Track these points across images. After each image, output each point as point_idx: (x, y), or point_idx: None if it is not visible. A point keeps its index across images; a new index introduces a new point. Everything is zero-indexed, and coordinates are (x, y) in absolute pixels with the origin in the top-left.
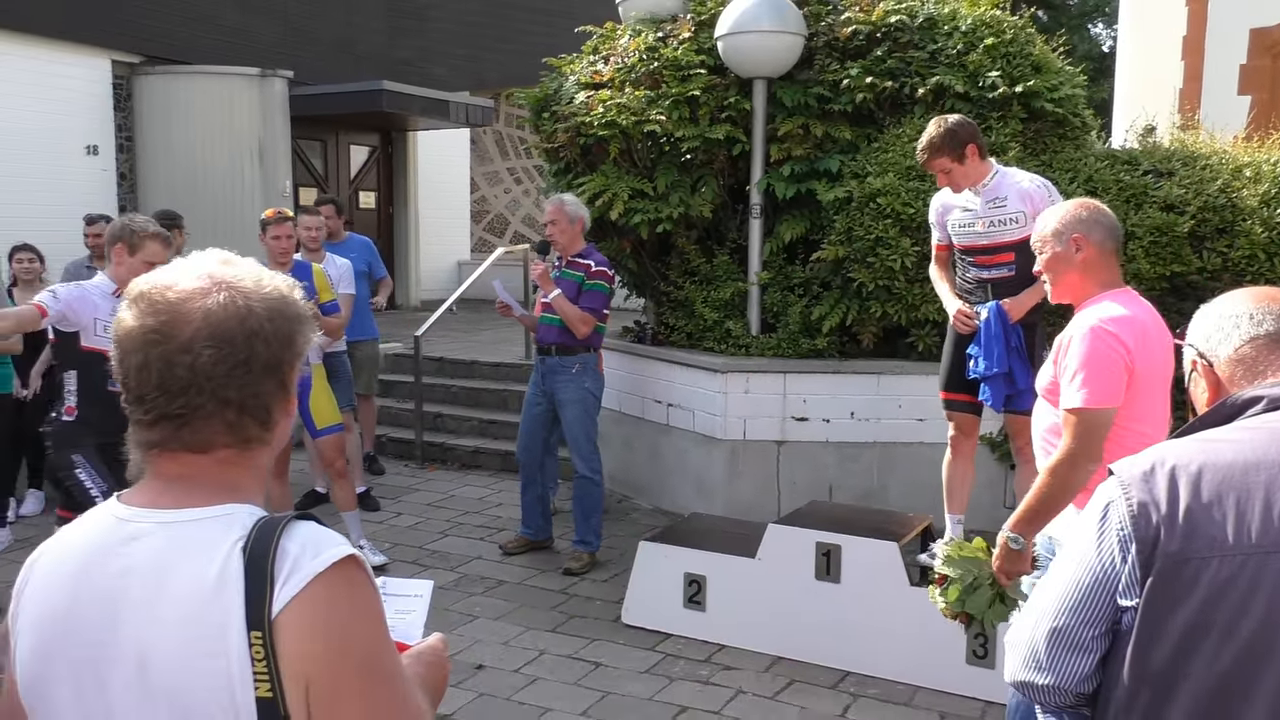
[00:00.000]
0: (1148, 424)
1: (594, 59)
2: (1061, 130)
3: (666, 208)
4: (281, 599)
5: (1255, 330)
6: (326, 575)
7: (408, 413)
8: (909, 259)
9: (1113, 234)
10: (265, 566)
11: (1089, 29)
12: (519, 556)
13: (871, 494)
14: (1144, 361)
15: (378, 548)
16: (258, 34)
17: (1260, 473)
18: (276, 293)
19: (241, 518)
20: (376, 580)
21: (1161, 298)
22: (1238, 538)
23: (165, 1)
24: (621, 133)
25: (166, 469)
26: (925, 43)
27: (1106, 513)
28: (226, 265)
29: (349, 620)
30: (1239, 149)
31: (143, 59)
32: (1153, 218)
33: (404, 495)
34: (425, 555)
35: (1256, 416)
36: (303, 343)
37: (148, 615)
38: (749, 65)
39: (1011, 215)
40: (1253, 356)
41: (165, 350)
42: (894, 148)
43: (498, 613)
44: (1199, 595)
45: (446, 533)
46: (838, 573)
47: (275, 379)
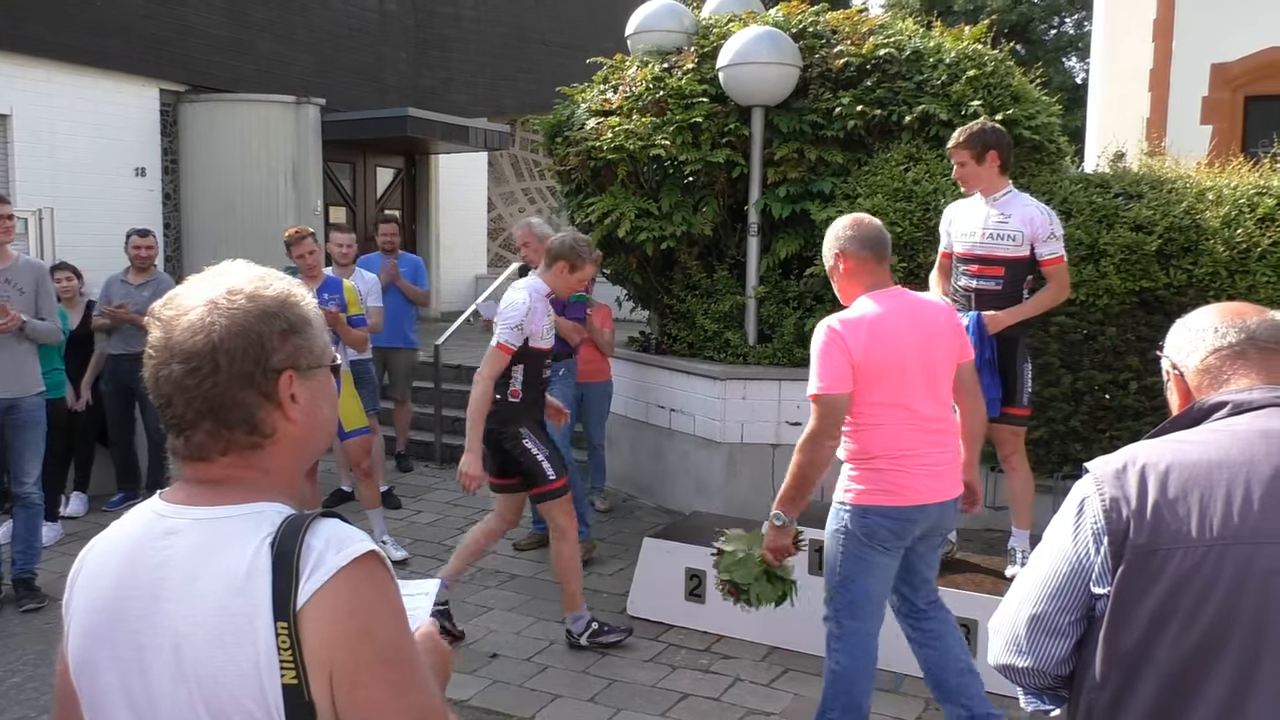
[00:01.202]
0: (892, 406)
1: (604, 88)
2: (1038, 155)
3: (670, 226)
4: (306, 591)
5: (1220, 342)
6: (349, 569)
7: (428, 416)
8: (896, 274)
9: (870, 243)
10: (291, 561)
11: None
12: (531, 552)
13: None
14: (872, 354)
15: (399, 543)
16: (293, 64)
17: (1223, 471)
18: (258, 307)
19: (270, 515)
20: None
21: (1133, 311)
22: (1200, 531)
23: (209, 35)
24: (629, 156)
25: (190, 473)
26: (912, 74)
27: (1082, 507)
28: (222, 277)
29: (370, 611)
30: (1202, 174)
31: (188, 88)
32: (1123, 237)
33: (424, 494)
34: (443, 551)
35: (1221, 420)
36: (287, 348)
37: (183, 606)
38: (748, 94)
39: (1011, 232)
40: (1217, 366)
41: (155, 365)
42: (883, 171)
43: (510, 605)
44: (1165, 584)
45: (463, 529)
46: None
47: (253, 389)
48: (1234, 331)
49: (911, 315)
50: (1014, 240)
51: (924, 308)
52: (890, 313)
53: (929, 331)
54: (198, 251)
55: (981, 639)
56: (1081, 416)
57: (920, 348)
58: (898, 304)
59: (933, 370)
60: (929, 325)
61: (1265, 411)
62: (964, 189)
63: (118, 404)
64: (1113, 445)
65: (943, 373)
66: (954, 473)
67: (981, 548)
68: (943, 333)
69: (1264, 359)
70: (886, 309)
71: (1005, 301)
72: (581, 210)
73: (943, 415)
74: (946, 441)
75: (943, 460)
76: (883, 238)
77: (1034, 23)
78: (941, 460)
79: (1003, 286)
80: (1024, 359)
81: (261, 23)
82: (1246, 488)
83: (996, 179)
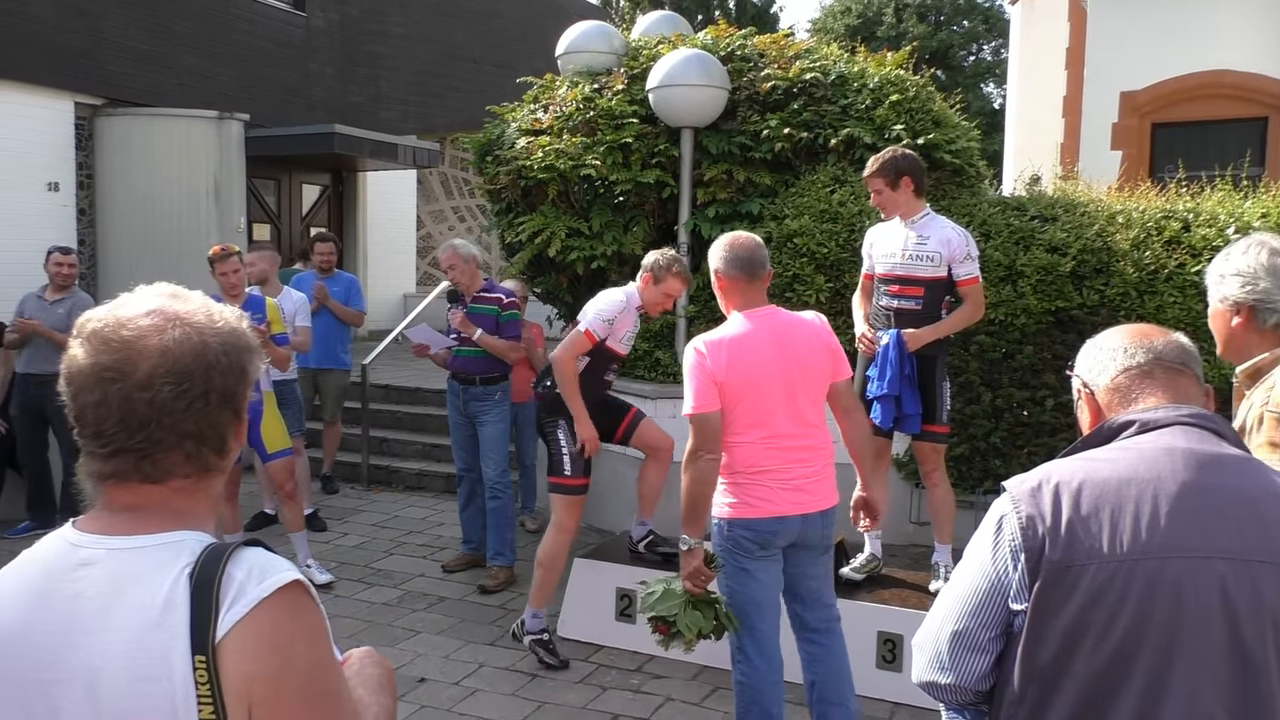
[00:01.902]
0: (754, 425)
1: (534, 108)
2: (959, 179)
3: (601, 245)
4: (226, 623)
5: (1129, 362)
6: (272, 600)
7: (355, 437)
8: (823, 294)
9: (741, 263)
10: (211, 592)
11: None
12: (460, 573)
13: None
14: (733, 373)
15: (324, 567)
16: (216, 79)
17: (1131, 488)
18: (228, 326)
19: (190, 544)
20: None
21: (1049, 330)
22: (1112, 546)
23: (128, 48)
24: (560, 176)
25: (120, 498)
26: (837, 98)
27: (1000, 525)
28: (176, 299)
29: (291, 643)
30: (1112, 198)
31: (105, 101)
32: (1039, 258)
33: (351, 516)
34: (370, 574)
35: (1130, 438)
36: (254, 372)
37: (97, 640)
38: (678, 116)
39: (929, 254)
40: (1126, 385)
41: (124, 387)
42: (809, 192)
43: (439, 628)
44: (1078, 599)
45: (391, 552)
46: None
47: (230, 408)
48: (1142, 352)
49: (776, 334)
50: (932, 261)
51: (792, 326)
52: (754, 331)
53: (794, 350)
54: (114, 269)
55: (906, 654)
56: (1001, 433)
57: (782, 366)
58: (764, 323)
59: (794, 388)
60: (795, 344)
61: (1169, 430)
62: (883, 215)
63: (28, 426)
64: (1031, 461)
65: (808, 391)
66: (821, 487)
67: (906, 563)
68: (811, 351)
69: (1169, 378)
70: (751, 328)
71: (924, 321)
72: (512, 229)
73: (807, 432)
74: (811, 458)
75: (806, 475)
76: (755, 257)
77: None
78: (804, 475)
79: (922, 306)
80: (943, 377)
81: (183, 36)
82: (1154, 504)
83: (913, 203)
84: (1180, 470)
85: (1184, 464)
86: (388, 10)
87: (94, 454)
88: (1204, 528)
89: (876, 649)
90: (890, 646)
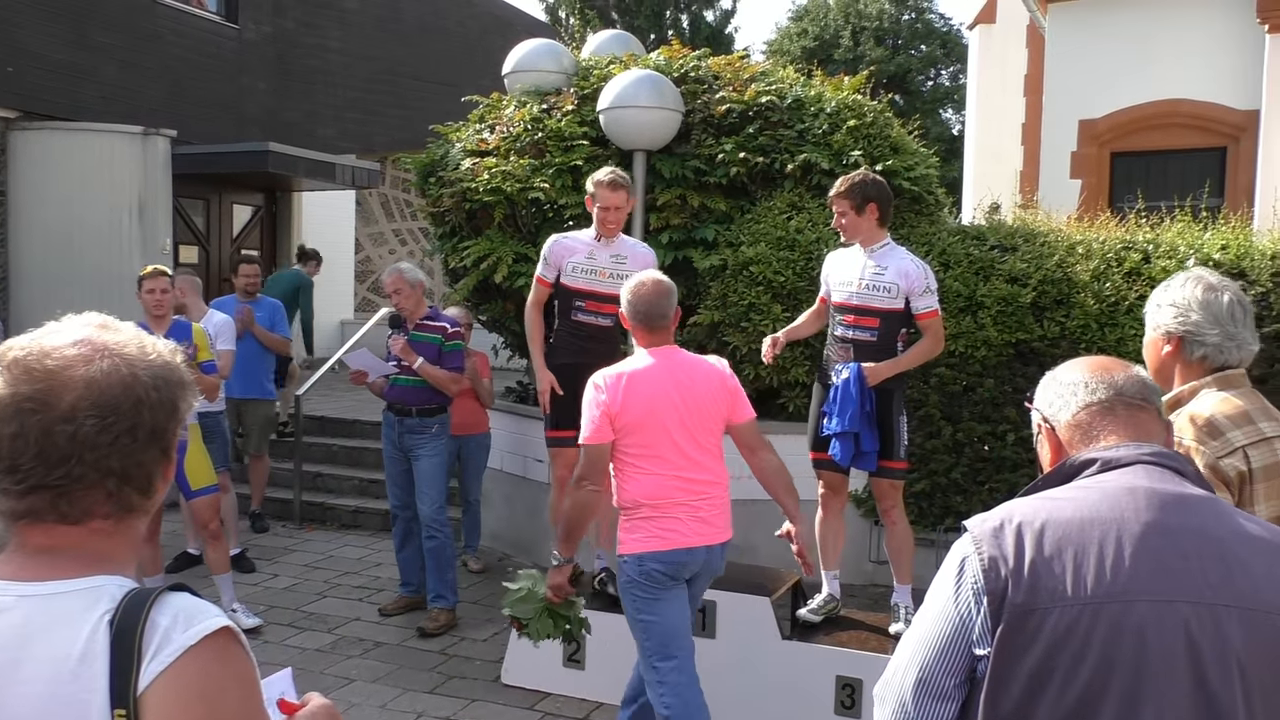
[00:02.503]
0: (652, 458)
1: (480, 127)
2: (918, 207)
3: None
4: (149, 674)
5: (1090, 398)
6: (199, 648)
7: (287, 472)
8: (780, 324)
9: (638, 315)
10: (133, 641)
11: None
12: (398, 617)
13: (742, 551)
14: (628, 408)
15: (252, 610)
16: (142, 93)
17: (1095, 529)
18: (160, 359)
19: (110, 590)
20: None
21: (1009, 363)
22: (1075, 589)
23: (45, 59)
24: (506, 199)
25: (35, 540)
26: (794, 122)
27: (963, 567)
28: (106, 330)
29: (219, 694)
30: (1072, 228)
31: (19, 114)
32: (999, 289)
33: (281, 556)
34: (301, 617)
35: (1092, 476)
36: (185, 409)
37: (8, 693)
38: (629, 138)
39: (886, 285)
40: (1088, 422)
41: (44, 420)
42: (766, 219)
43: (375, 675)
44: (1042, 644)
45: (324, 594)
46: (713, 628)
47: (159, 446)
48: (1103, 388)
49: (674, 373)
50: (889, 293)
51: (691, 367)
52: (652, 369)
53: (690, 388)
54: (28, 292)
55: (866, 700)
56: (962, 469)
57: (678, 405)
58: (663, 362)
59: (690, 425)
60: (692, 382)
61: (1131, 469)
62: (843, 238)
63: None
64: (992, 498)
65: (704, 427)
66: (721, 520)
67: (865, 604)
68: (708, 389)
69: (1130, 415)
70: (650, 365)
71: (880, 353)
72: (456, 254)
73: (705, 467)
74: (711, 493)
75: (707, 508)
76: (652, 310)
77: (912, 74)
78: (705, 508)
79: (877, 338)
80: (900, 411)
81: (105, 47)
82: (1118, 545)
83: (875, 231)
84: (1143, 510)
85: (1146, 504)
86: (325, 23)
87: (7, 491)
88: (1167, 570)
89: (835, 694)
90: (849, 691)
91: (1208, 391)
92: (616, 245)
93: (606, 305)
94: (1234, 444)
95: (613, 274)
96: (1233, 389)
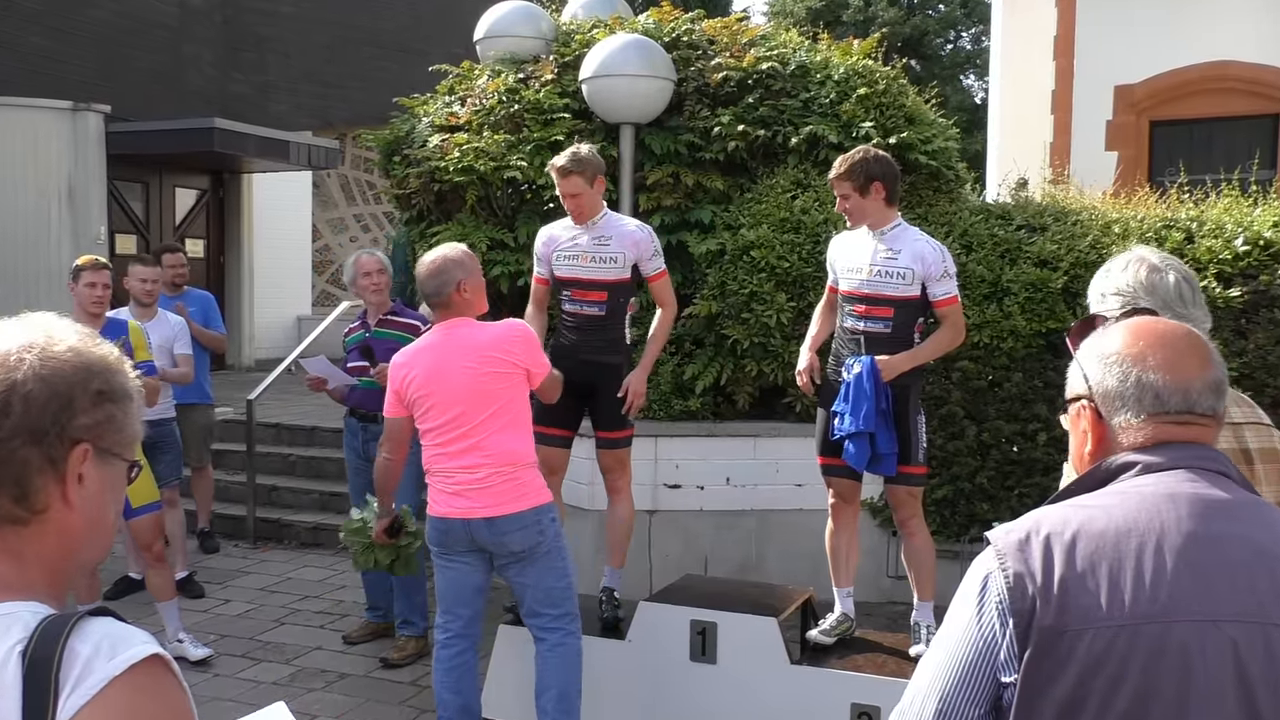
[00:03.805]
0: (428, 430)
1: (450, 100)
2: (936, 183)
3: (528, 259)
4: (68, 709)
5: (1157, 407)
6: (125, 679)
7: (239, 485)
8: (785, 314)
9: (418, 286)
10: (49, 672)
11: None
12: (365, 645)
13: (749, 565)
14: (410, 383)
15: (201, 640)
16: (71, 64)
17: (1131, 540)
18: (73, 352)
19: (23, 617)
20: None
21: (1039, 355)
22: (1111, 608)
23: None
24: (479, 179)
25: None
26: (798, 91)
27: (985, 584)
28: (41, 325)
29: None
30: (1107, 205)
31: None
32: (1027, 273)
33: (233, 579)
34: (257, 648)
35: (1128, 480)
36: (96, 415)
37: None
38: (616, 110)
39: (900, 271)
40: (1149, 433)
41: None
42: (768, 198)
43: (339, 710)
44: (1074, 669)
45: (282, 620)
46: (714, 652)
47: (39, 449)
48: (1178, 398)
49: (448, 349)
50: (904, 279)
51: (467, 339)
52: (430, 346)
53: (463, 364)
54: None
55: None
56: (988, 473)
57: (448, 380)
58: (441, 338)
59: (461, 397)
60: (466, 354)
61: (1173, 474)
62: (849, 223)
63: None
64: (1022, 504)
65: (476, 402)
66: (486, 495)
67: (883, 623)
68: (480, 363)
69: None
70: (430, 343)
71: (895, 346)
72: (424, 240)
73: (473, 440)
74: (477, 465)
75: (469, 481)
76: (425, 289)
77: (929, 37)
78: (466, 481)
79: (892, 329)
80: (917, 410)
81: (28, 13)
82: (1157, 558)
83: (884, 211)
84: (1185, 519)
85: (1189, 511)
86: None
87: None
88: (1212, 586)
89: None
90: None
91: None
92: (602, 225)
93: (592, 293)
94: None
95: (596, 257)
96: None
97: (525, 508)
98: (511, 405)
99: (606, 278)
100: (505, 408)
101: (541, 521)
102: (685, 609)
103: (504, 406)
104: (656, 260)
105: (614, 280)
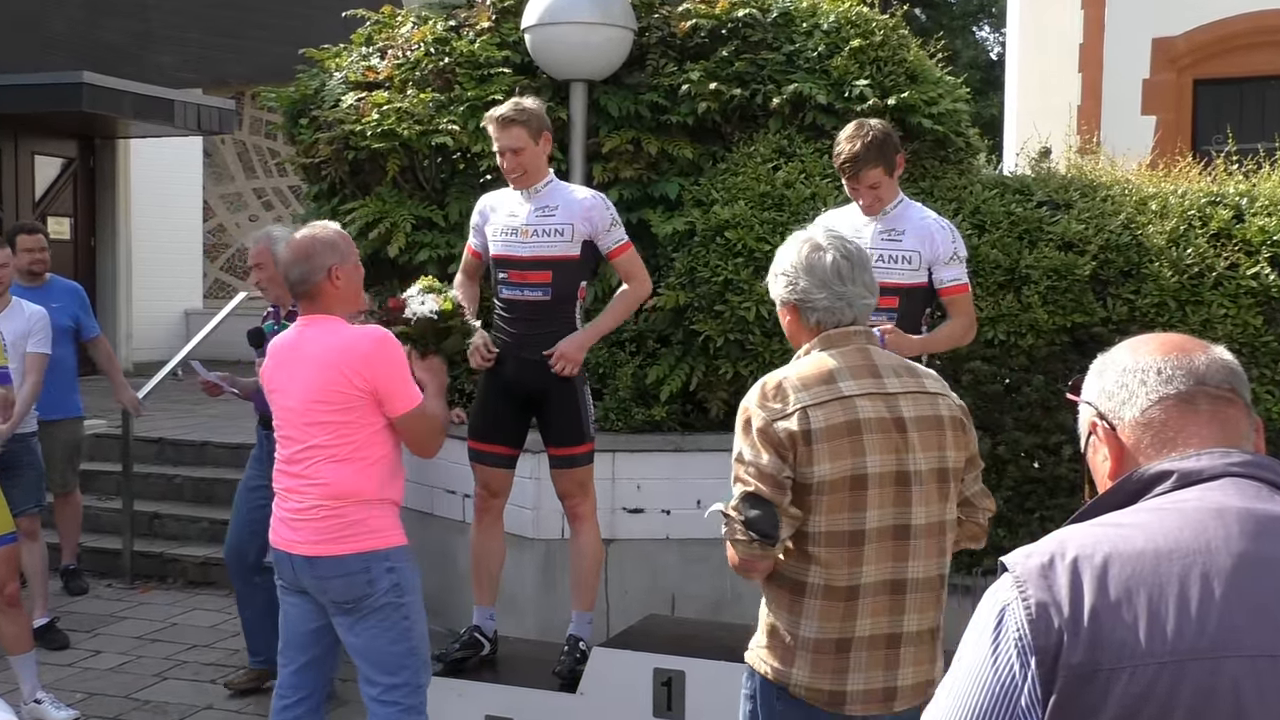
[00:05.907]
0: (278, 445)
1: (367, 52)
2: (943, 152)
3: (461, 241)
4: None
5: (1165, 389)
6: None
7: (113, 513)
8: (765, 307)
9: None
10: None
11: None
12: (253, 695)
13: (723, 603)
14: (266, 385)
15: (65, 701)
16: None
17: (1173, 563)
18: None
19: None
20: None
21: (1064, 354)
22: (1151, 642)
23: None
24: (402, 145)
25: None
26: (780, 43)
27: (1002, 618)
28: None
29: None
30: (1143, 178)
31: None
32: (1049, 258)
33: (105, 626)
34: (133, 707)
35: (1164, 495)
36: None
37: None
38: (565, 64)
39: (905, 254)
40: (1162, 420)
41: None
42: (745, 169)
43: None
44: (1109, 714)
45: (164, 675)
46: (680, 706)
47: None
48: (1181, 375)
49: (297, 350)
50: (909, 263)
51: (316, 344)
52: (285, 344)
53: (298, 370)
54: None
55: None
56: (1005, 492)
57: (287, 389)
58: (297, 335)
59: (291, 412)
60: (307, 365)
61: (1219, 484)
62: (866, 213)
63: None
64: (1044, 528)
65: (305, 417)
66: (308, 530)
67: None
68: (316, 373)
69: (1215, 411)
70: (286, 341)
71: None
72: (337, 218)
73: (298, 466)
74: (299, 495)
75: (291, 510)
76: (294, 269)
77: None
78: (289, 510)
79: (897, 321)
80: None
81: None
82: (1204, 584)
83: (893, 188)
84: (1235, 539)
85: (1240, 530)
86: None
87: None
88: (1269, 616)
89: None
90: None
91: (814, 353)
92: (546, 193)
93: (533, 273)
94: (793, 406)
95: (538, 230)
96: (835, 348)
97: (349, 551)
98: (346, 438)
99: (551, 254)
100: (337, 439)
101: (371, 570)
102: (647, 655)
103: (336, 438)
104: (616, 231)
105: (560, 257)
